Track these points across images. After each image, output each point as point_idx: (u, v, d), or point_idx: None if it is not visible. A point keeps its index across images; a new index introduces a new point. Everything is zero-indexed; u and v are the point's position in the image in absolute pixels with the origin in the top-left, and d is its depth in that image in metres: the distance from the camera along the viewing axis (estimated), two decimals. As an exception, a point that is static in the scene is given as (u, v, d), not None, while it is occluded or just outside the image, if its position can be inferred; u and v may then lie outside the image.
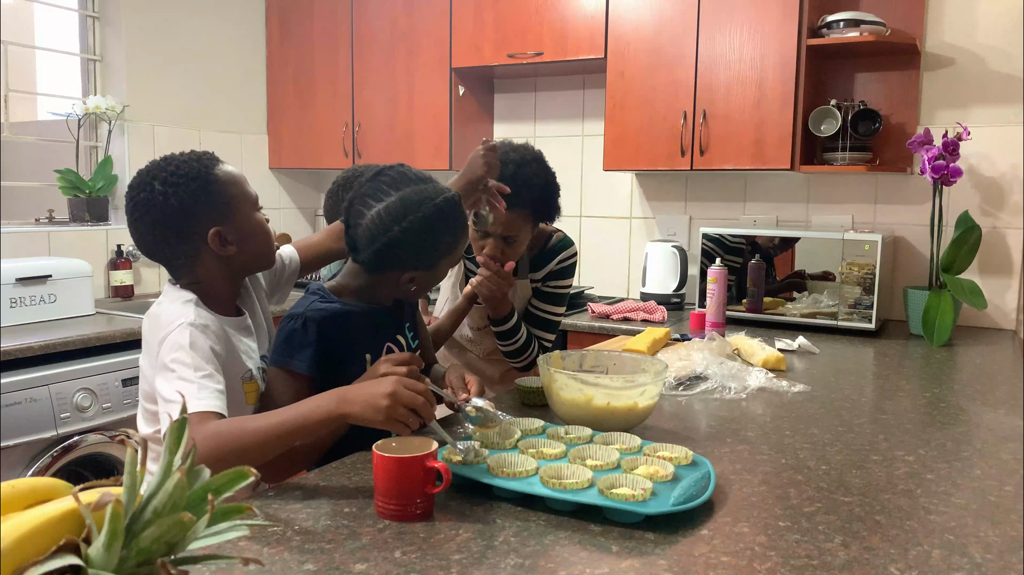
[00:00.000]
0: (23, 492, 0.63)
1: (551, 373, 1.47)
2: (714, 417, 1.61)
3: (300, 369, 1.33)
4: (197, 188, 1.29)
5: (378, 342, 1.42)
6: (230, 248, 1.33)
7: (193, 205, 1.29)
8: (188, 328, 1.24)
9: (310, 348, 1.33)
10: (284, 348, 1.34)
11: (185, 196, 1.28)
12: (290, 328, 1.35)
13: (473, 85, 3.48)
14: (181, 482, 0.58)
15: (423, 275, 1.41)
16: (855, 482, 1.23)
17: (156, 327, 1.28)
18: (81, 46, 3.28)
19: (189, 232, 1.30)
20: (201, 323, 1.26)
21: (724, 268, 2.46)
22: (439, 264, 1.42)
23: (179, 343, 1.22)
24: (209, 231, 1.31)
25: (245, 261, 1.38)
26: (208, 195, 1.30)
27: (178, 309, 1.28)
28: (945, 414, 1.68)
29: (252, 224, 1.38)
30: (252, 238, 1.37)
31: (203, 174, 1.31)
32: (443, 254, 1.41)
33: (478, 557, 0.95)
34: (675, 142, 2.91)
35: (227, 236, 1.33)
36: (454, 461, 1.18)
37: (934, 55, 2.83)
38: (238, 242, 1.34)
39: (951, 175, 2.55)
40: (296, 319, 1.35)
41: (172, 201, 1.27)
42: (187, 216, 1.29)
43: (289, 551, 0.96)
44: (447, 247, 1.40)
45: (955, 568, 0.94)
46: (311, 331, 1.33)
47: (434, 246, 1.38)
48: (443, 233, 1.38)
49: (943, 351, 2.40)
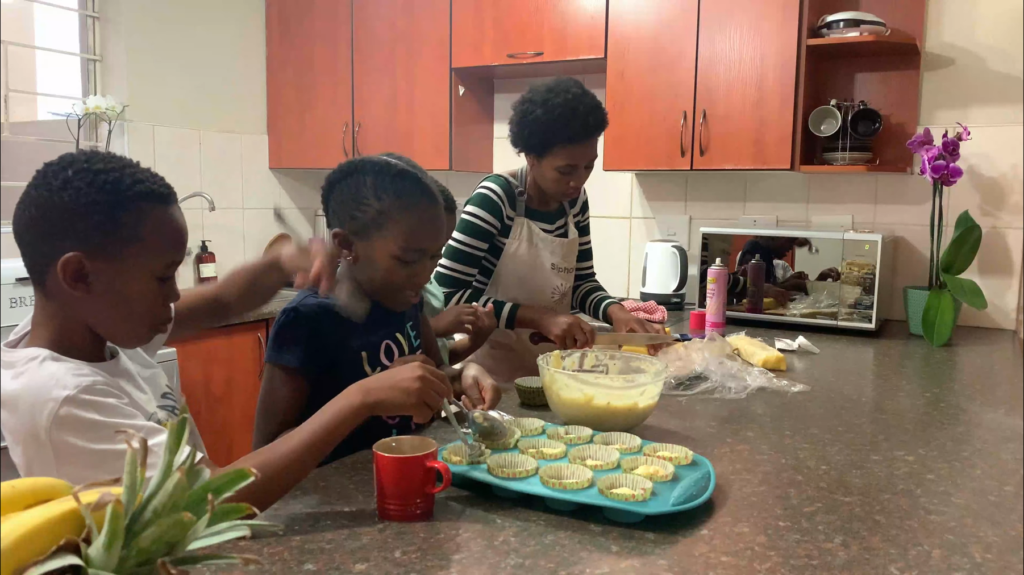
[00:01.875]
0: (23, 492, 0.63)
1: (551, 373, 1.47)
2: (714, 417, 1.61)
3: (291, 363, 1.31)
4: (102, 195, 0.99)
5: (374, 339, 1.41)
6: (79, 287, 1.00)
7: (79, 206, 0.98)
8: (68, 407, 0.94)
9: (301, 342, 1.31)
10: (275, 343, 1.32)
11: (81, 195, 0.98)
12: (282, 322, 1.33)
13: (473, 85, 3.48)
14: (181, 482, 0.58)
15: (360, 245, 1.35)
16: (855, 482, 1.23)
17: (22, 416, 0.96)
18: (81, 46, 3.28)
19: (53, 234, 0.99)
20: (79, 385, 0.96)
21: (724, 268, 2.46)
22: (367, 232, 1.34)
23: (74, 428, 0.93)
24: (64, 252, 0.98)
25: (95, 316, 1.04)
26: (103, 207, 0.98)
27: (34, 383, 0.96)
28: (945, 414, 1.68)
29: (133, 283, 1.03)
30: (122, 296, 1.02)
31: (124, 189, 1.00)
32: (369, 220, 1.33)
33: (478, 557, 0.95)
34: (675, 142, 2.91)
35: (87, 271, 0.99)
36: (454, 461, 1.18)
37: (934, 55, 2.82)
38: (100, 290, 1.00)
39: (951, 175, 2.55)
40: (288, 312, 1.33)
41: (64, 195, 0.98)
42: (65, 215, 0.98)
43: (289, 551, 0.96)
44: (376, 214, 1.33)
45: (955, 568, 0.94)
46: (302, 325, 1.32)
47: (356, 206, 1.33)
48: (367, 193, 1.33)
49: (943, 351, 2.40)
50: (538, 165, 2.05)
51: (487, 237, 2.06)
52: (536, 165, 2.06)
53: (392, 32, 3.46)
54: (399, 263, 1.34)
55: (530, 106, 1.99)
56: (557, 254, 2.18)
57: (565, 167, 2.01)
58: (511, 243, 2.10)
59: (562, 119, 1.95)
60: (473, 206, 2.07)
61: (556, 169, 2.01)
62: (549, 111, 1.95)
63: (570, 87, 1.97)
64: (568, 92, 1.96)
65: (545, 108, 1.96)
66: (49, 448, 0.95)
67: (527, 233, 2.12)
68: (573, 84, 1.99)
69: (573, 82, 2.00)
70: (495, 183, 2.09)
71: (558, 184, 2.05)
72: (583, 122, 1.96)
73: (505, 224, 2.09)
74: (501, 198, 2.07)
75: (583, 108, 1.95)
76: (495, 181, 2.10)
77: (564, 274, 2.22)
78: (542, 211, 2.17)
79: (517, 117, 2.03)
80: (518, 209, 2.12)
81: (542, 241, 2.14)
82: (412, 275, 1.38)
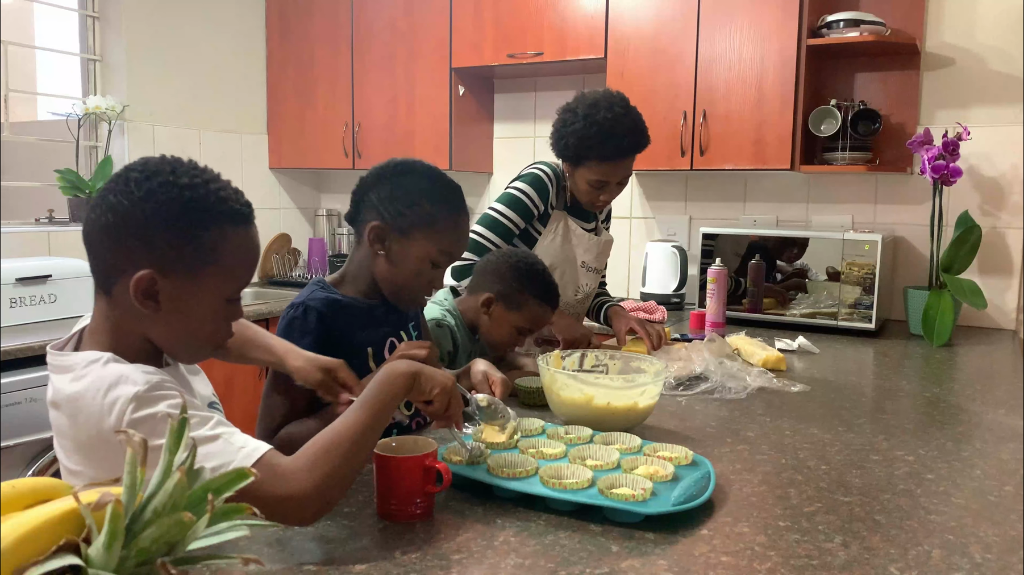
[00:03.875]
0: (23, 492, 0.63)
1: (551, 373, 1.47)
2: (714, 417, 1.61)
3: None
4: (178, 209, 0.96)
5: (379, 337, 1.43)
6: (148, 305, 0.97)
7: (160, 220, 0.95)
8: (139, 403, 0.92)
9: (311, 335, 1.34)
10: (285, 336, 1.35)
11: (155, 208, 0.95)
12: (291, 316, 1.37)
13: (473, 85, 3.48)
14: (181, 482, 0.58)
15: (397, 241, 1.37)
16: (855, 482, 1.23)
17: (88, 416, 0.94)
18: (81, 46, 3.28)
19: (128, 245, 0.96)
20: (149, 382, 0.94)
21: (724, 268, 2.46)
22: (411, 231, 1.37)
23: (146, 423, 0.91)
24: (137, 264, 0.95)
25: (160, 332, 1.01)
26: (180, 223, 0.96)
27: (101, 382, 0.94)
28: (945, 414, 1.68)
29: (204, 305, 1.00)
30: (191, 316, 1.00)
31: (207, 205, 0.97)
32: (417, 220, 1.37)
33: (478, 557, 0.95)
34: (675, 142, 2.91)
35: (158, 289, 0.97)
36: (454, 461, 1.18)
37: (934, 55, 2.82)
38: (168, 307, 0.98)
39: (951, 175, 2.55)
40: (297, 307, 1.37)
41: (139, 208, 0.95)
42: (144, 227, 0.95)
43: (289, 551, 0.96)
44: (425, 215, 1.37)
45: (955, 568, 0.94)
46: (311, 318, 1.35)
47: (408, 204, 1.37)
48: (421, 195, 1.37)
49: (943, 351, 2.40)
50: (572, 174, 2.06)
51: (528, 216, 2.06)
52: (571, 173, 2.07)
53: (392, 32, 3.46)
54: (430, 266, 1.39)
55: (572, 116, 2.00)
56: (591, 252, 2.18)
57: (596, 182, 2.02)
58: (546, 235, 2.10)
59: (599, 136, 1.95)
60: (523, 183, 2.07)
61: (588, 182, 2.02)
62: (588, 126, 1.96)
63: (614, 105, 1.97)
64: (611, 110, 1.96)
65: (585, 122, 1.96)
66: (116, 446, 0.91)
67: (563, 228, 2.12)
68: (618, 102, 1.98)
69: (619, 100, 1.99)
70: (549, 168, 2.10)
71: (589, 196, 2.06)
72: (618, 143, 1.96)
73: (546, 210, 2.09)
74: (552, 183, 2.08)
75: (621, 129, 1.95)
76: (549, 166, 2.11)
77: (592, 274, 2.22)
78: (580, 207, 2.17)
79: (558, 124, 2.04)
80: (559, 201, 2.12)
81: (577, 237, 2.14)
82: (434, 279, 1.42)
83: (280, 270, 3.85)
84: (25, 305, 2.52)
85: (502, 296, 1.76)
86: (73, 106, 3.11)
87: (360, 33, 3.54)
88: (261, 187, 3.86)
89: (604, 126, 1.94)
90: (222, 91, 3.65)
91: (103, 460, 0.95)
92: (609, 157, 1.97)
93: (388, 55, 3.48)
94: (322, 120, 3.67)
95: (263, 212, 3.87)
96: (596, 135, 1.95)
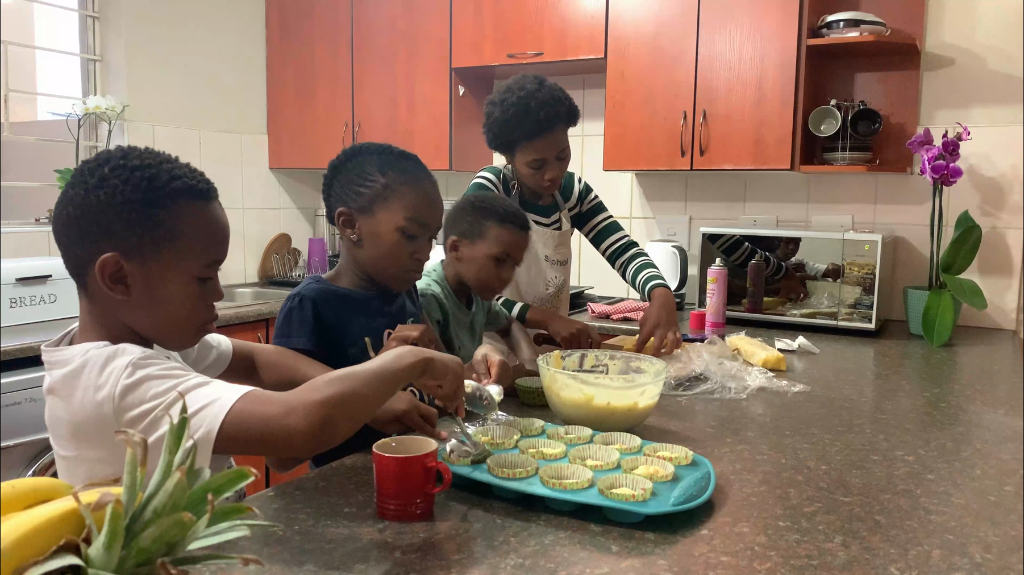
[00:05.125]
0: (23, 492, 0.63)
1: (551, 373, 1.47)
2: (714, 417, 1.61)
3: (301, 345, 1.36)
4: (141, 194, 0.96)
5: (375, 327, 1.43)
6: (118, 289, 0.98)
7: (115, 204, 0.96)
8: (134, 367, 0.93)
9: (308, 324, 1.36)
10: (284, 327, 1.37)
11: (118, 192, 0.96)
12: (288, 307, 1.38)
13: (473, 85, 3.48)
14: (181, 482, 0.58)
15: (365, 221, 1.40)
16: (855, 482, 1.23)
17: (85, 391, 0.95)
18: (81, 46, 3.28)
19: (90, 234, 0.96)
20: (145, 352, 0.96)
21: (724, 268, 2.46)
22: (372, 207, 1.39)
23: (140, 380, 0.93)
24: (102, 252, 0.95)
25: (138, 319, 1.01)
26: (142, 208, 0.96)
27: (96, 360, 0.95)
28: (945, 414, 1.68)
29: (172, 284, 1.00)
30: (163, 298, 1.00)
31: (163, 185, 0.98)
32: (374, 194, 1.39)
33: (478, 557, 0.95)
34: (675, 142, 2.91)
35: (125, 272, 0.97)
36: (454, 461, 1.18)
37: (934, 55, 2.82)
38: (139, 291, 0.98)
39: (951, 175, 2.55)
40: (293, 299, 1.39)
41: (100, 193, 0.95)
42: (101, 213, 0.96)
43: (289, 551, 0.96)
44: (381, 186, 1.39)
45: (955, 568, 0.94)
46: (308, 308, 1.37)
47: (361, 183, 1.39)
48: (373, 169, 1.39)
49: (943, 351, 2.40)
50: (514, 165, 2.11)
51: None
52: (513, 165, 2.12)
53: (392, 32, 3.46)
54: (403, 236, 1.39)
55: (491, 107, 2.06)
56: (550, 246, 2.20)
57: (533, 162, 2.05)
58: None
59: (516, 117, 2.00)
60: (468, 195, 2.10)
61: (527, 165, 2.06)
62: (504, 111, 2.01)
63: (525, 84, 2.01)
64: (522, 89, 2.00)
65: (502, 108, 2.02)
66: (112, 419, 0.93)
67: None
68: (530, 80, 2.02)
69: (531, 78, 2.03)
70: (490, 172, 2.14)
71: (533, 179, 2.09)
72: (535, 118, 1.99)
73: None
74: (496, 186, 2.11)
75: (535, 104, 1.99)
76: (490, 171, 2.15)
77: (558, 267, 2.24)
78: (536, 204, 2.19)
79: (485, 120, 2.09)
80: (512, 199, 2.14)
81: (537, 233, 2.15)
82: (415, 250, 1.42)
83: (280, 270, 3.85)
84: (25, 305, 2.52)
85: (463, 233, 1.76)
86: (73, 106, 3.10)
87: (360, 33, 3.54)
88: (261, 187, 3.86)
89: (520, 105, 1.99)
90: (222, 91, 3.65)
91: (98, 438, 0.96)
92: (534, 133, 2.00)
93: (388, 55, 3.48)
94: (322, 120, 3.68)
95: (263, 212, 3.87)
96: (514, 116, 2.00)
